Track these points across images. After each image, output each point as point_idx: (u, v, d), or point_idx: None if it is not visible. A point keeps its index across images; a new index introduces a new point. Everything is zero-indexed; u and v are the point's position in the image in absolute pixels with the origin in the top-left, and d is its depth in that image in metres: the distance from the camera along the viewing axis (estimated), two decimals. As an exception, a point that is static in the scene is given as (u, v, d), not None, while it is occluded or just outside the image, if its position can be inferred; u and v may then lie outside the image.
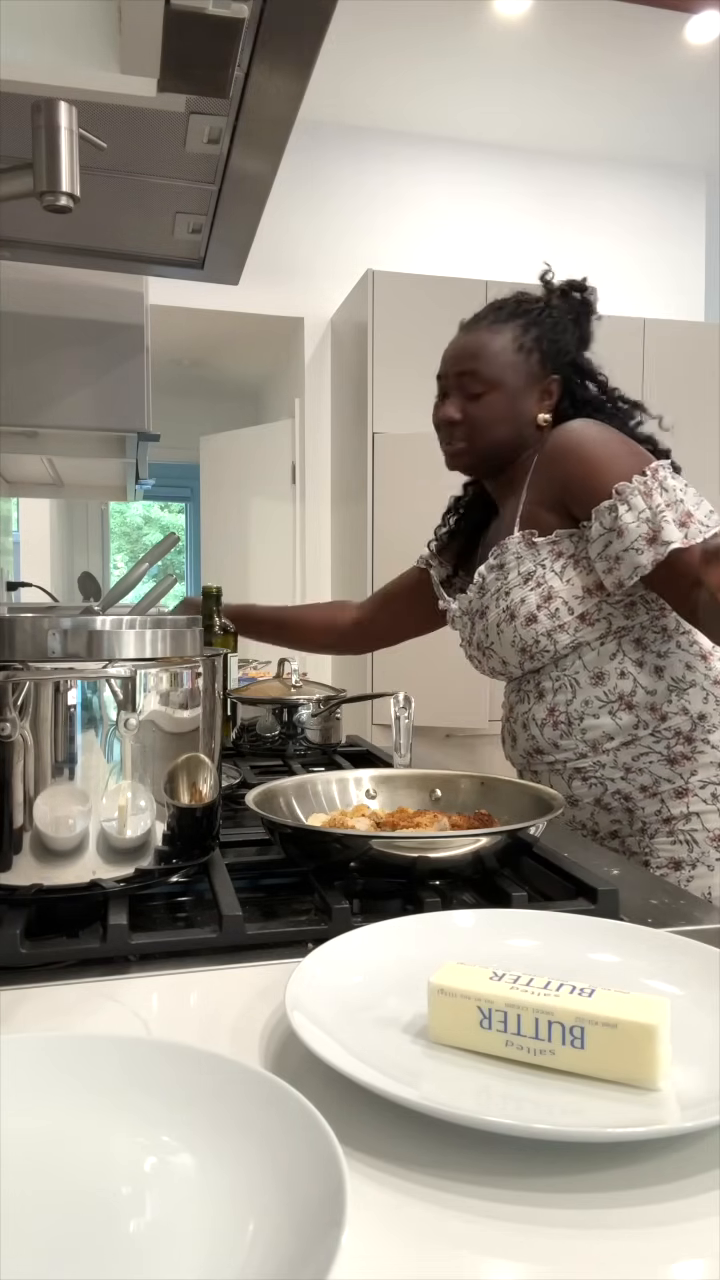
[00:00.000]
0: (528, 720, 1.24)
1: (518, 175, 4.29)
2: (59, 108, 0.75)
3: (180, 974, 0.65)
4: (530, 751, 1.25)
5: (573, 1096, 0.48)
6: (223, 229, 1.25)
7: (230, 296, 3.80)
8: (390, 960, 0.62)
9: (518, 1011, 0.50)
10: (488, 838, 0.76)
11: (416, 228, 4.23)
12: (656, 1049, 0.48)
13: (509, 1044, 0.51)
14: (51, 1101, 0.45)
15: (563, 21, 3.41)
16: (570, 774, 1.21)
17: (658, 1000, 0.50)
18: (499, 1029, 0.51)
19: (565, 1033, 0.49)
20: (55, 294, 1.55)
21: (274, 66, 0.82)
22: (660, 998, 0.50)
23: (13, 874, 0.70)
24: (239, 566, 4.68)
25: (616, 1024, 0.48)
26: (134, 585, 0.91)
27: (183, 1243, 0.37)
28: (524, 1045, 0.50)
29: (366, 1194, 0.41)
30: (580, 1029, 0.49)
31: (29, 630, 0.72)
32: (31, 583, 2.92)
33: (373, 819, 0.87)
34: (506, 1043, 0.51)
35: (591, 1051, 0.49)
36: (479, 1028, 0.51)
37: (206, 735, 0.78)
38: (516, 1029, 0.50)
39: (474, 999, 0.51)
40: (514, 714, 1.29)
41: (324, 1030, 0.51)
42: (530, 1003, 0.50)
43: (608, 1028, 0.48)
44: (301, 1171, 0.38)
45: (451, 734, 3.59)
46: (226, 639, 1.65)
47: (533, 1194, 0.42)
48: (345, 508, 4.10)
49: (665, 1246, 0.39)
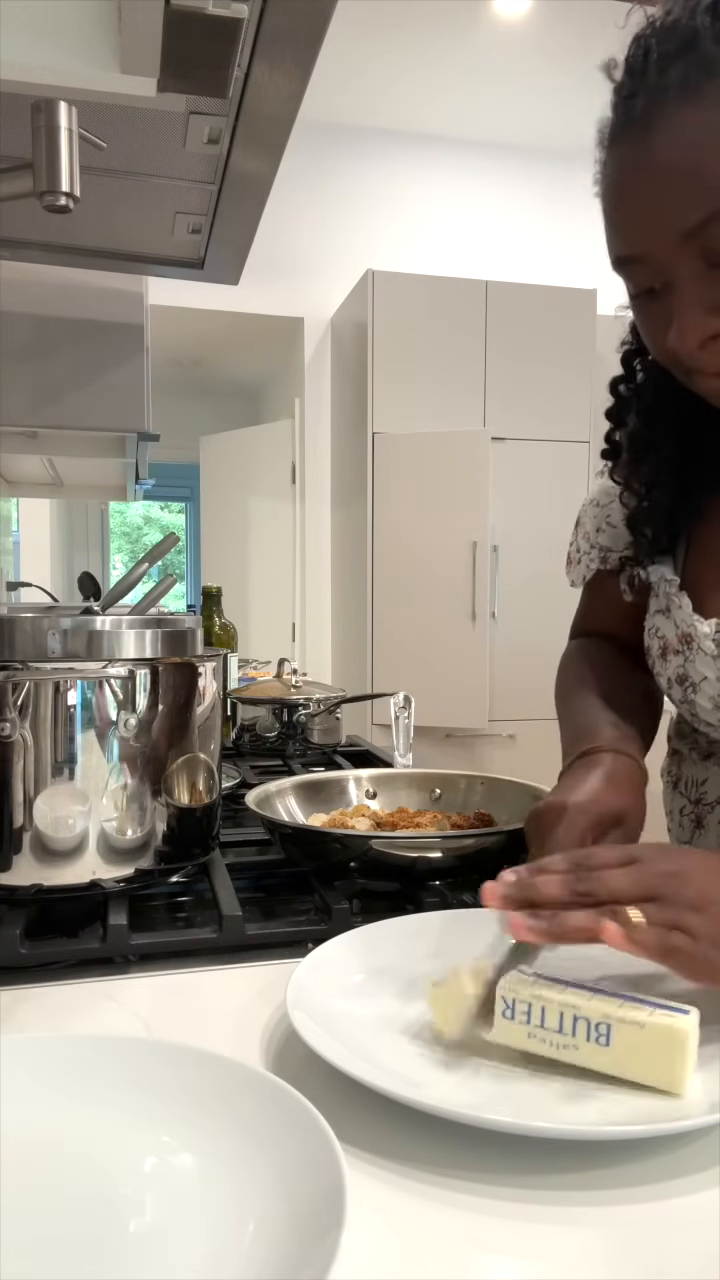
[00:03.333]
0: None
1: (518, 175, 4.29)
2: (59, 108, 0.75)
3: (180, 974, 0.65)
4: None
5: (573, 1096, 0.48)
6: (222, 229, 1.25)
7: (230, 296, 3.79)
8: (390, 960, 0.62)
9: (542, 1004, 0.50)
10: (488, 838, 0.76)
11: (416, 228, 4.23)
12: (685, 1054, 0.47)
13: (531, 1036, 0.50)
14: (51, 1101, 0.45)
15: (563, 21, 3.41)
16: None
17: (688, 1012, 0.49)
18: (522, 1020, 0.50)
19: (591, 1029, 0.49)
20: (55, 294, 1.55)
21: (274, 66, 0.82)
22: (688, 1011, 0.49)
23: (13, 874, 0.70)
24: (239, 566, 4.68)
25: (645, 1025, 0.47)
26: (134, 585, 0.91)
27: (183, 1243, 0.37)
28: (546, 1038, 0.50)
29: (366, 1194, 0.41)
30: (607, 1026, 0.48)
31: (29, 630, 0.72)
32: (31, 583, 2.92)
33: (373, 819, 0.87)
34: (529, 1034, 0.50)
35: (617, 1050, 0.48)
36: (502, 1018, 0.51)
37: (206, 735, 0.78)
38: (540, 1021, 0.50)
39: (499, 990, 0.51)
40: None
41: (324, 1030, 0.51)
42: (556, 997, 0.50)
43: (636, 1027, 0.48)
44: (301, 1171, 0.38)
45: (451, 734, 3.59)
46: (226, 639, 1.66)
47: (533, 1193, 0.42)
48: (345, 508, 4.10)
49: (665, 1246, 0.39)
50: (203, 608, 1.64)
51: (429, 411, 3.69)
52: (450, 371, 3.71)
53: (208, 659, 0.78)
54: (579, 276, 3.81)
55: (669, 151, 0.59)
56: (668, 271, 0.62)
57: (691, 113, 0.58)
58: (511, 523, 3.63)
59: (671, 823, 0.95)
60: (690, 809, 0.90)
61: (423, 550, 3.60)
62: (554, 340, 3.75)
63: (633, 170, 0.61)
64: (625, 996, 0.50)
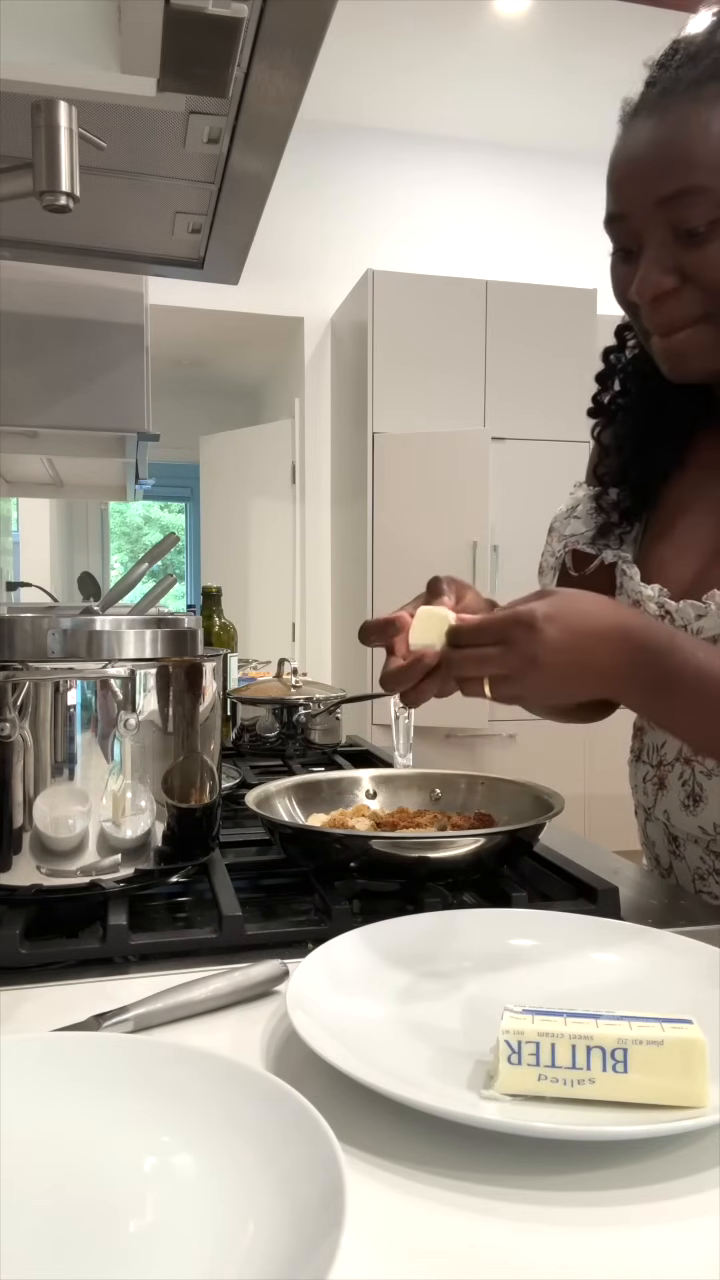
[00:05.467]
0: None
1: (518, 175, 4.29)
2: (59, 107, 0.75)
3: (180, 974, 0.65)
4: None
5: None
6: (222, 229, 1.25)
7: (230, 296, 3.80)
8: (390, 960, 0.62)
9: (552, 1041, 0.46)
10: (488, 838, 0.76)
11: (416, 228, 4.23)
12: (705, 1064, 0.45)
13: (542, 1078, 0.46)
14: (51, 1101, 0.45)
15: (563, 21, 3.42)
16: None
17: (690, 1022, 0.47)
18: (530, 1062, 0.46)
19: (607, 1057, 0.46)
20: (55, 294, 1.55)
21: (274, 66, 0.82)
22: (690, 1021, 0.47)
23: (12, 874, 0.70)
24: (239, 566, 4.68)
25: (664, 1041, 0.45)
26: (134, 585, 0.91)
27: (183, 1243, 0.37)
28: (559, 1077, 0.46)
29: (366, 1194, 0.41)
30: (624, 1050, 0.45)
31: (29, 630, 0.72)
32: (31, 583, 2.92)
33: (373, 819, 0.87)
34: (539, 1076, 0.46)
35: (636, 1074, 0.45)
36: (507, 1064, 0.46)
37: (206, 735, 0.78)
38: (551, 1060, 0.46)
39: (501, 1034, 0.47)
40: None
41: (324, 1030, 0.51)
42: (565, 1030, 0.46)
43: (654, 1046, 0.45)
44: (301, 1171, 0.38)
45: (451, 734, 3.60)
46: (226, 639, 1.66)
47: (533, 1194, 0.42)
48: (345, 508, 4.11)
49: (665, 1246, 0.39)
50: (203, 608, 1.64)
51: (429, 411, 3.69)
52: (450, 371, 3.71)
53: (208, 659, 0.78)
54: (579, 276, 3.81)
55: (663, 130, 0.71)
56: (641, 235, 0.74)
57: (690, 105, 0.71)
58: (511, 523, 3.63)
59: (637, 794, 0.98)
60: (653, 774, 0.94)
61: (423, 550, 3.60)
62: (554, 340, 3.76)
63: (633, 142, 0.74)
64: (623, 1018, 0.47)
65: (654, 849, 0.97)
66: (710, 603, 0.81)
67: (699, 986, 0.58)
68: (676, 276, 0.73)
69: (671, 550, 0.89)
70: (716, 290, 0.72)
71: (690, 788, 0.88)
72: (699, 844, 0.88)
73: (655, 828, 0.95)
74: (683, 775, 0.89)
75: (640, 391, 0.91)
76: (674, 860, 0.92)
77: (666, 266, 0.73)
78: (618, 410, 0.93)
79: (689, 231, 0.71)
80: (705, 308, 0.73)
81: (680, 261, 0.72)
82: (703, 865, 0.89)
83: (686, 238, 0.71)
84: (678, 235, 0.72)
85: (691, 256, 0.72)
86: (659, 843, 0.95)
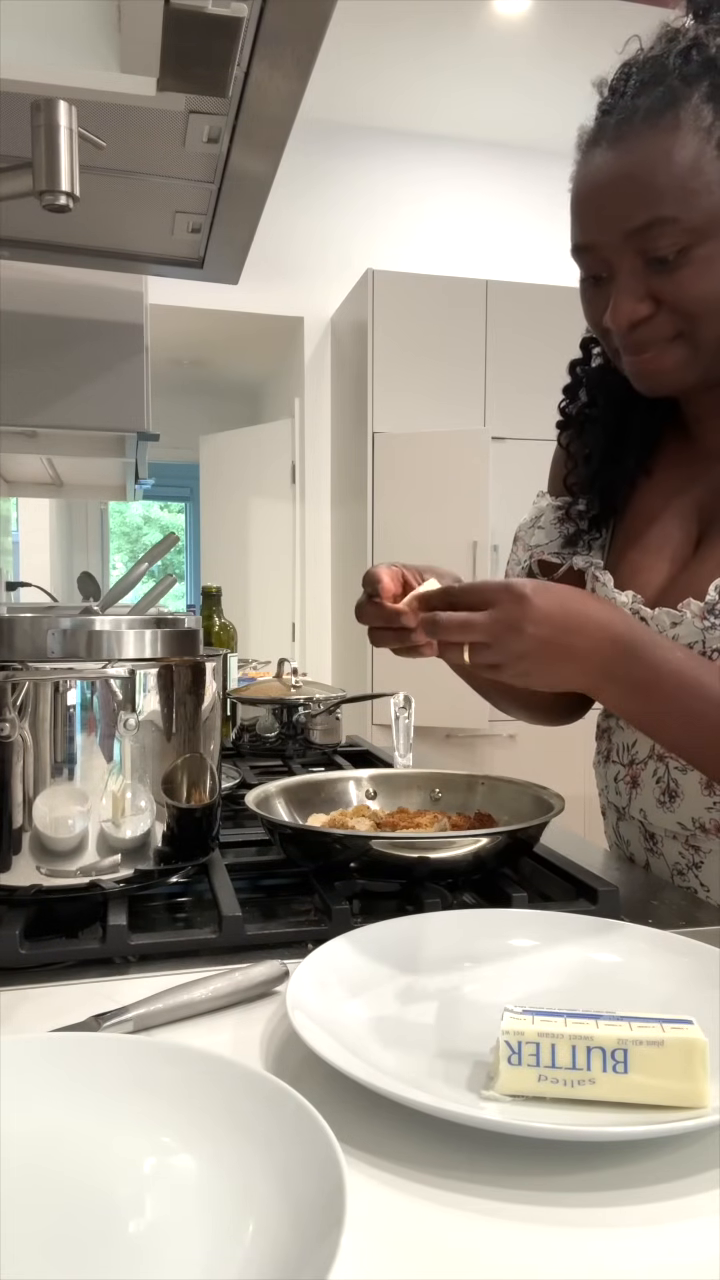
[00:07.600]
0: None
1: (518, 175, 4.29)
2: (58, 107, 0.75)
3: (180, 974, 0.65)
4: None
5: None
6: (222, 228, 1.25)
7: (230, 296, 3.79)
8: (390, 960, 0.62)
9: (552, 1041, 0.46)
10: (488, 838, 0.76)
11: (416, 227, 4.23)
12: (706, 1064, 0.45)
13: (542, 1078, 0.46)
14: (51, 1101, 0.45)
15: (563, 21, 3.41)
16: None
17: (690, 1022, 0.47)
18: (530, 1063, 0.46)
19: (607, 1057, 0.46)
20: (55, 294, 1.55)
21: (274, 66, 0.82)
22: (691, 1021, 0.47)
23: (12, 874, 0.70)
24: (239, 566, 4.68)
25: (664, 1042, 0.45)
26: (133, 585, 0.91)
27: (183, 1243, 0.37)
28: (559, 1077, 0.46)
29: (366, 1194, 0.41)
30: (624, 1051, 0.45)
31: (28, 630, 0.72)
32: (31, 583, 2.92)
33: (373, 819, 0.87)
34: (539, 1077, 0.46)
35: (636, 1075, 0.45)
36: (507, 1065, 0.47)
37: (206, 735, 0.78)
38: (551, 1061, 0.46)
39: (502, 1035, 0.47)
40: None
41: (324, 1030, 0.51)
42: (565, 1031, 0.46)
43: (655, 1046, 0.45)
44: (301, 1171, 0.38)
45: (451, 734, 3.59)
46: (226, 639, 1.66)
47: (533, 1194, 0.42)
48: (345, 507, 4.10)
49: (665, 1246, 0.39)
50: (203, 608, 1.64)
51: (429, 411, 3.69)
52: (450, 371, 3.71)
53: (208, 659, 0.78)
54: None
55: (626, 162, 0.72)
56: (611, 264, 0.76)
57: (651, 135, 0.71)
58: (511, 523, 3.60)
59: (608, 794, 0.98)
60: (625, 772, 0.94)
61: (423, 550, 3.59)
62: (554, 340, 3.74)
63: (596, 173, 0.75)
64: (624, 1018, 0.47)
65: (628, 848, 0.97)
66: (685, 610, 0.82)
67: (699, 987, 0.58)
68: (650, 303, 0.75)
69: (643, 557, 0.90)
70: (690, 312, 0.74)
71: (665, 784, 0.89)
72: (677, 839, 0.89)
73: (630, 826, 0.95)
74: (656, 772, 0.90)
75: (608, 402, 0.93)
76: (650, 857, 0.93)
77: (639, 294, 0.75)
78: (586, 421, 0.96)
79: (659, 259, 0.73)
80: (677, 328, 0.76)
81: (652, 287, 0.74)
82: (682, 860, 0.89)
83: (657, 264, 0.73)
84: (648, 262, 0.74)
85: (663, 282, 0.74)
86: (634, 841, 0.95)
